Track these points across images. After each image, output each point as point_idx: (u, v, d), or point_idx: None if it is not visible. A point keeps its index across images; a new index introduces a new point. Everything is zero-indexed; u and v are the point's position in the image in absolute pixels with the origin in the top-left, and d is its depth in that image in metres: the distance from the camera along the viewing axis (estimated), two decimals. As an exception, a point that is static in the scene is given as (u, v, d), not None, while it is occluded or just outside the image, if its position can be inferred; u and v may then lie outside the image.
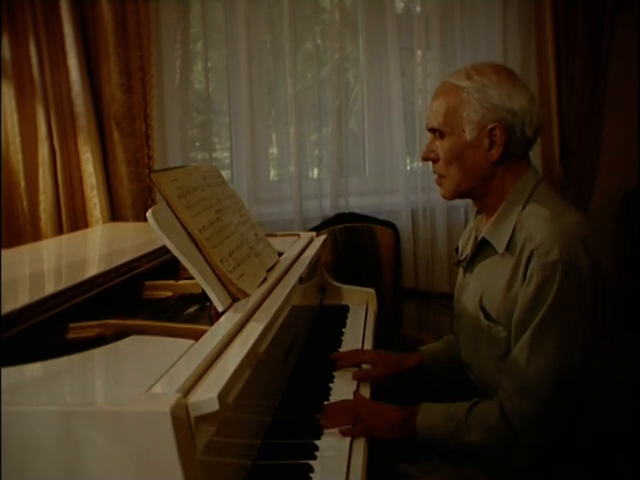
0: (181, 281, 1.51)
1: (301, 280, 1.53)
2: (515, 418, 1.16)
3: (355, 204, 2.82)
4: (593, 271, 1.15)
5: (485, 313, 1.28)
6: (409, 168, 2.93)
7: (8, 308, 1.05)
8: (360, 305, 2.02)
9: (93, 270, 1.39)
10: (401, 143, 2.83)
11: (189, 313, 1.38)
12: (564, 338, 1.14)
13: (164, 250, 1.55)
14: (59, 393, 0.87)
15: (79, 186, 2.34)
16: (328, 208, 2.77)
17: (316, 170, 2.91)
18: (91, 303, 1.24)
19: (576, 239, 1.16)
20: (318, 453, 1.11)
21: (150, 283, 1.52)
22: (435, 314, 2.93)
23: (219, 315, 1.12)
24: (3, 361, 0.90)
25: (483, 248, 1.34)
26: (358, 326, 1.84)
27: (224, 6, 2.68)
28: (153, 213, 1.10)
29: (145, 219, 1.11)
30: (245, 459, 1.05)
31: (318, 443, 1.14)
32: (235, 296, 1.20)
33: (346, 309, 1.99)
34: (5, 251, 1.68)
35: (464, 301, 1.40)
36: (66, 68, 2.25)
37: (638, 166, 3.01)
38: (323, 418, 1.22)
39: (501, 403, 1.19)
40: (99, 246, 2.00)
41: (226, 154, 2.86)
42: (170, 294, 1.50)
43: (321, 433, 1.18)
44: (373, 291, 2.07)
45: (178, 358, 0.91)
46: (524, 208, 1.25)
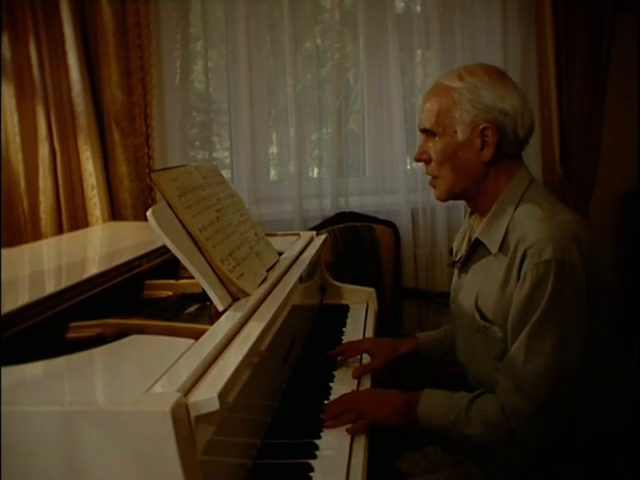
0: (181, 280, 1.51)
1: (301, 279, 1.54)
2: (513, 417, 1.15)
3: (355, 204, 2.82)
4: (587, 269, 1.15)
5: (481, 313, 1.28)
6: (409, 168, 2.92)
7: (8, 308, 1.05)
8: (360, 304, 2.02)
9: (93, 269, 1.39)
10: (401, 143, 2.83)
11: (189, 312, 1.38)
12: (560, 337, 1.13)
13: (164, 249, 1.55)
14: (59, 393, 0.87)
15: (79, 186, 2.34)
16: (328, 208, 2.77)
17: (316, 170, 2.91)
18: (91, 302, 1.24)
19: (569, 238, 1.16)
20: (318, 452, 1.11)
21: (150, 282, 1.52)
22: (435, 314, 2.92)
23: (219, 314, 1.12)
24: (3, 361, 0.89)
25: (477, 249, 1.34)
26: (358, 325, 1.84)
27: (224, 6, 2.68)
28: (153, 212, 1.10)
29: (145, 219, 1.11)
30: (245, 458, 1.05)
31: (318, 442, 1.14)
32: (235, 295, 1.20)
33: (346, 308, 1.99)
34: (5, 251, 1.68)
35: (460, 302, 1.40)
36: (66, 68, 2.26)
37: (638, 166, 3.01)
38: (326, 419, 1.22)
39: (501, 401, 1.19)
40: (99, 245, 2.00)
41: (226, 154, 2.86)
42: (170, 293, 1.50)
43: (321, 432, 1.18)
44: (373, 290, 2.07)
45: (178, 357, 0.91)
46: (517, 208, 1.25)
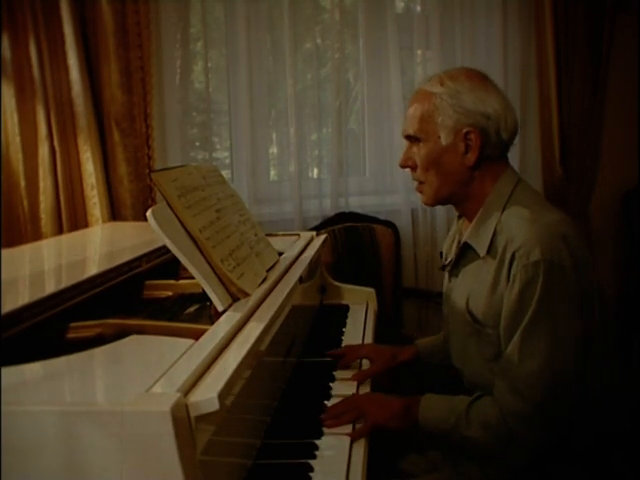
0: (181, 281, 1.51)
1: (301, 280, 1.54)
2: (511, 418, 1.15)
3: (355, 204, 2.82)
4: (577, 269, 1.14)
5: (472, 316, 1.28)
6: (409, 168, 2.92)
7: (8, 308, 1.05)
8: (360, 305, 2.02)
9: (93, 270, 1.39)
10: (401, 143, 2.81)
11: (189, 313, 1.38)
12: (553, 337, 1.13)
13: (164, 250, 1.55)
14: (59, 393, 0.87)
15: (79, 186, 2.34)
16: (328, 208, 2.77)
17: (316, 170, 2.91)
18: (91, 303, 1.24)
19: (557, 238, 1.15)
20: (318, 452, 1.11)
21: (150, 283, 1.52)
22: (435, 314, 2.92)
23: (219, 315, 1.12)
24: (3, 361, 0.89)
25: (466, 252, 1.33)
26: (358, 325, 1.84)
27: (224, 6, 2.68)
28: (153, 213, 1.10)
29: (145, 219, 1.11)
30: (245, 459, 1.05)
31: (318, 442, 1.14)
32: (235, 296, 1.20)
33: (346, 309, 1.99)
34: (5, 251, 1.68)
35: (451, 305, 1.40)
36: (66, 68, 2.25)
37: (638, 166, 3.01)
38: (327, 419, 1.22)
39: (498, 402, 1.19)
40: (99, 246, 2.00)
41: (226, 154, 2.86)
42: (170, 294, 1.50)
43: (321, 433, 1.18)
44: (373, 291, 2.07)
45: (178, 358, 0.91)
46: (504, 210, 1.25)
